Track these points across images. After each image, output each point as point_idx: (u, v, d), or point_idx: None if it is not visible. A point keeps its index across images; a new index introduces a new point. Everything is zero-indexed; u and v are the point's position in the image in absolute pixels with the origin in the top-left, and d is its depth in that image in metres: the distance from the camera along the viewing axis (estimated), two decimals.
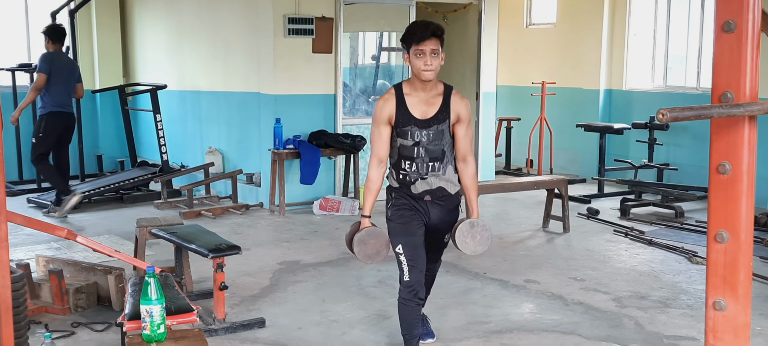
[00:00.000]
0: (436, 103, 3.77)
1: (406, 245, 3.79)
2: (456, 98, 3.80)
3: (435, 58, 3.67)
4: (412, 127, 3.75)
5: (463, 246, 3.81)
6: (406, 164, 3.81)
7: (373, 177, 3.83)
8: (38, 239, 6.45)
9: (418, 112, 3.76)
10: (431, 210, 3.86)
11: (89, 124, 10.18)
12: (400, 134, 3.78)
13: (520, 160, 10.95)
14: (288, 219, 7.58)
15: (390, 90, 3.83)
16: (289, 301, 5.09)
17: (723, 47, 1.75)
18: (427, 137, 3.76)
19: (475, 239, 3.81)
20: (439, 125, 3.76)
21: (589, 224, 7.44)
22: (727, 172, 1.78)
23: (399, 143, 3.80)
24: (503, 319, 4.75)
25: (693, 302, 5.09)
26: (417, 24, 3.76)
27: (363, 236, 3.77)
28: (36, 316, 4.61)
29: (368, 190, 3.85)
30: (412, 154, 3.78)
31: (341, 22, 8.10)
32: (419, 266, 3.79)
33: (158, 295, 3.11)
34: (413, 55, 3.68)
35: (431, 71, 3.68)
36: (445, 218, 3.90)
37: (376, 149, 3.83)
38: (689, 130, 9.07)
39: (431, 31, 3.66)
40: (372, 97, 8.81)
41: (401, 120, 3.76)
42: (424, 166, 3.79)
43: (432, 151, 3.78)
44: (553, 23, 10.87)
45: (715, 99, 1.78)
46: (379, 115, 3.79)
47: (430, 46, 3.65)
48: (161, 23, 10.00)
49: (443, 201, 3.88)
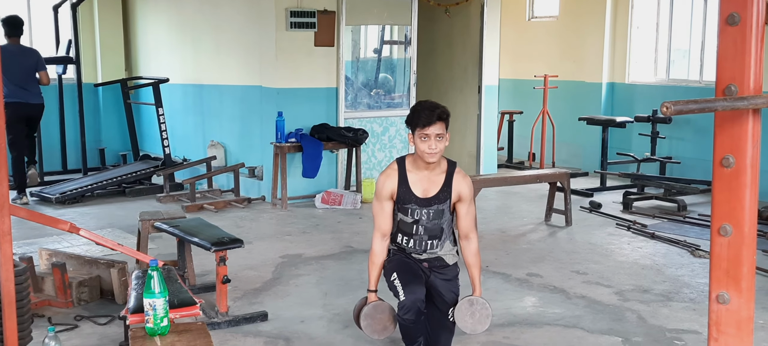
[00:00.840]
0: (438, 182, 3.77)
1: (400, 271, 3.76)
2: (458, 178, 3.79)
3: (440, 142, 3.65)
4: (413, 205, 3.75)
5: (462, 324, 3.80)
6: (404, 240, 3.84)
7: (377, 251, 3.83)
8: (41, 233, 6.46)
9: (419, 191, 3.75)
10: (430, 273, 3.86)
11: (92, 118, 10.18)
12: (401, 210, 3.79)
13: (522, 153, 10.95)
14: (290, 213, 7.59)
15: (393, 165, 3.83)
16: (291, 294, 5.10)
17: (727, 40, 1.75)
18: (427, 216, 3.76)
19: (474, 316, 3.79)
20: (439, 205, 3.76)
21: (592, 218, 7.44)
22: (730, 165, 1.78)
23: (399, 218, 3.82)
24: (505, 312, 4.76)
25: (696, 296, 5.09)
26: (422, 107, 3.71)
27: (370, 311, 3.80)
28: (39, 309, 4.62)
29: (372, 263, 3.85)
30: (410, 231, 3.81)
31: (343, 15, 8.09)
32: (414, 286, 3.70)
33: (161, 288, 3.11)
34: (418, 137, 3.66)
35: (435, 155, 3.66)
36: (444, 284, 3.86)
37: (378, 223, 3.82)
38: (692, 124, 9.05)
39: (437, 116, 3.64)
40: (374, 91, 8.80)
41: (403, 197, 3.76)
42: (422, 243, 3.81)
43: (430, 230, 3.79)
44: (556, 16, 10.85)
45: (718, 92, 1.77)
46: (382, 190, 3.78)
47: (435, 130, 3.63)
48: (163, 17, 9.99)
49: (441, 271, 3.87)
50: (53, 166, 9.71)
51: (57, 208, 7.75)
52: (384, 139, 8.57)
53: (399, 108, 8.64)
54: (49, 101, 9.60)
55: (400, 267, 3.80)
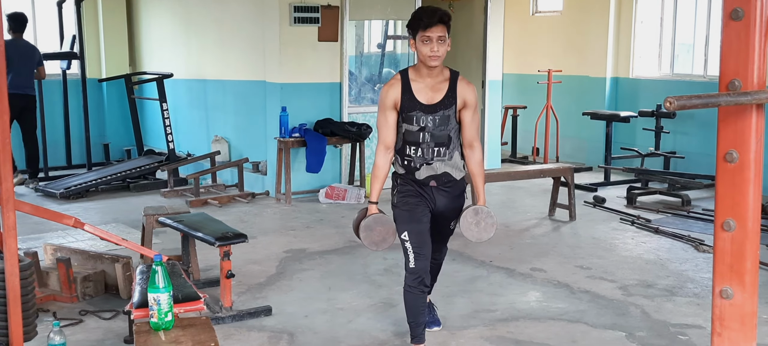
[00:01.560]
0: (442, 88, 3.76)
1: (412, 231, 3.78)
2: (463, 84, 3.79)
3: (442, 45, 3.65)
4: (418, 112, 3.74)
5: (467, 233, 3.81)
6: (411, 150, 3.79)
7: (380, 163, 3.84)
8: (46, 228, 6.48)
9: (424, 98, 3.75)
10: (437, 196, 3.84)
11: (96, 113, 10.20)
12: (406, 120, 3.76)
13: (526, 148, 10.94)
14: (294, 207, 7.60)
15: (396, 76, 3.82)
16: (295, 289, 5.11)
17: (731, 35, 1.75)
18: (433, 122, 3.74)
19: (479, 225, 3.80)
20: (445, 110, 3.74)
21: (596, 213, 7.44)
22: (734, 160, 1.78)
23: (404, 129, 3.79)
24: (509, 307, 4.76)
25: (699, 291, 5.09)
26: (423, 10, 3.73)
27: (370, 223, 3.79)
28: (44, 304, 4.64)
29: (375, 176, 3.86)
30: (417, 140, 3.77)
31: (347, 10, 8.09)
32: (424, 253, 3.77)
33: (166, 283, 3.12)
34: (420, 41, 3.67)
35: (438, 58, 3.66)
36: (450, 204, 3.88)
37: (382, 136, 3.82)
38: (696, 119, 9.04)
39: (438, 17, 3.64)
40: (377, 86, 8.80)
41: (407, 105, 3.75)
42: (430, 151, 3.77)
43: (438, 137, 3.76)
44: (560, 11, 10.83)
45: (722, 87, 1.77)
46: (385, 100, 3.78)
47: (436, 32, 3.64)
48: (167, 12, 10.00)
49: (448, 187, 3.86)
50: (58, 161, 9.73)
51: (61, 203, 7.77)
52: None
53: None
54: (53, 96, 9.66)
55: (411, 219, 3.78)
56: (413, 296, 3.81)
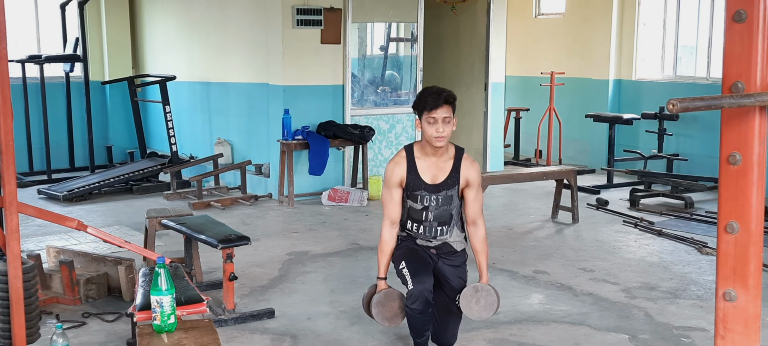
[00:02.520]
0: (446, 168, 3.80)
1: (409, 259, 3.79)
2: (466, 163, 3.82)
3: (447, 125, 3.69)
4: (422, 191, 3.78)
5: (467, 310, 3.80)
6: (414, 226, 3.86)
7: (386, 239, 3.85)
8: (48, 230, 6.48)
9: (428, 177, 3.79)
10: (438, 260, 3.88)
11: (99, 116, 10.22)
12: (410, 197, 3.82)
13: (528, 150, 10.93)
14: (297, 210, 7.60)
15: (401, 152, 3.86)
16: (298, 291, 5.11)
17: (734, 37, 1.74)
18: (436, 202, 3.79)
19: (479, 303, 3.79)
20: (448, 190, 3.79)
21: (599, 215, 7.43)
22: (737, 162, 1.77)
23: (408, 205, 3.84)
24: (512, 310, 4.75)
25: (703, 293, 5.08)
26: (429, 92, 3.75)
27: (381, 299, 3.81)
28: (47, 306, 4.64)
29: (382, 252, 3.87)
30: (420, 218, 3.83)
31: (350, 12, 8.09)
32: (422, 277, 3.71)
33: (168, 285, 3.12)
34: (425, 122, 3.70)
35: (443, 138, 3.70)
36: (451, 270, 3.88)
37: (388, 211, 3.84)
38: (699, 121, 9.03)
39: (443, 99, 3.68)
40: (380, 88, 8.81)
41: (412, 184, 3.79)
42: (432, 230, 3.84)
43: (440, 216, 3.82)
44: (562, 13, 10.83)
45: (725, 89, 1.77)
46: (391, 178, 3.81)
47: (442, 113, 3.67)
48: (170, 14, 10.01)
49: (448, 257, 3.89)
50: (61, 163, 9.75)
51: (64, 205, 7.78)
52: (390, 137, 8.57)
53: (405, 105, 8.64)
54: (56, 99, 9.68)
55: (409, 255, 3.82)
56: (414, 319, 3.78)
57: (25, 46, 9.76)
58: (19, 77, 9.27)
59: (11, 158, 3.11)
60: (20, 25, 9.79)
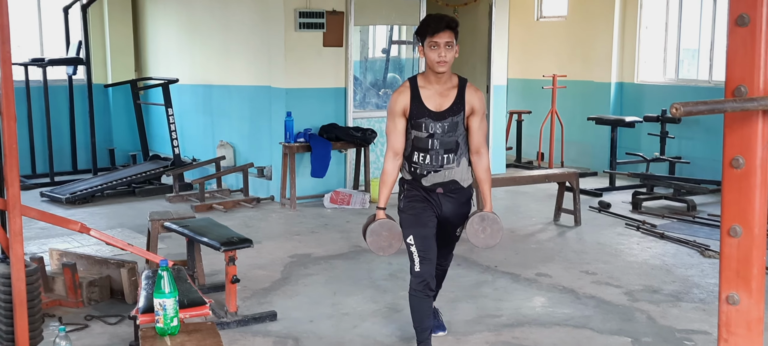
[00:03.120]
0: (450, 95, 3.79)
1: (418, 235, 3.80)
2: (470, 91, 3.82)
3: (449, 51, 3.69)
4: (427, 119, 3.77)
5: (473, 239, 3.85)
6: (420, 157, 3.83)
7: (388, 169, 3.87)
8: (51, 233, 6.49)
9: (432, 105, 3.78)
10: (443, 203, 3.87)
11: (102, 119, 10.23)
12: (415, 126, 3.80)
13: (531, 153, 10.93)
14: (299, 212, 7.60)
15: (405, 83, 3.86)
16: (300, 294, 5.11)
17: (736, 41, 1.74)
18: (442, 129, 3.77)
19: (486, 231, 3.84)
20: (453, 117, 3.78)
21: (601, 218, 7.43)
22: (740, 166, 1.77)
23: (413, 135, 3.82)
24: (514, 312, 4.75)
25: (705, 296, 5.07)
26: (431, 17, 3.78)
27: (376, 228, 3.82)
28: (50, 309, 4.65)
29: (383, 182, 3.88)
30: (426, 146, 3.80)
31: (352, 15, 8.10)
32: (430, 258, 3.79)
33: (171, 288, 3.13)
34: (427, 47, 3.71)
35: (445, 63, 3.70)
36: (457, 210, 3.91)
37: (391, 142, 3.86)
38: (701, 124, 9.02)
39: (446, 23, 3.69)
40: (382, 91, 8.81)
41: (416, 112, 3.78)
42: (439, 158, 3.80)
43: (446, 143, 3.79)
44: (564, 16, 10.83)
45: (728, 93, 1.77)
46: (394, 107, 3.82)
47: (444, 38, 3.67)
48: (173, 17, 10.03)
49: (455, 194, 3.88)
50: (63, 166, 9.76)
51: (67, 208, 7.79)
52: None
53: None
54: (59, 102, 9.70)
55: (417, 225, 3.80)
56: (418, 300, 3.83)
57: (28, 49, 9.77)
58: (22, 80, 9.27)
59: (15, 161, 3.12)
60: (23, 28, 9.80)
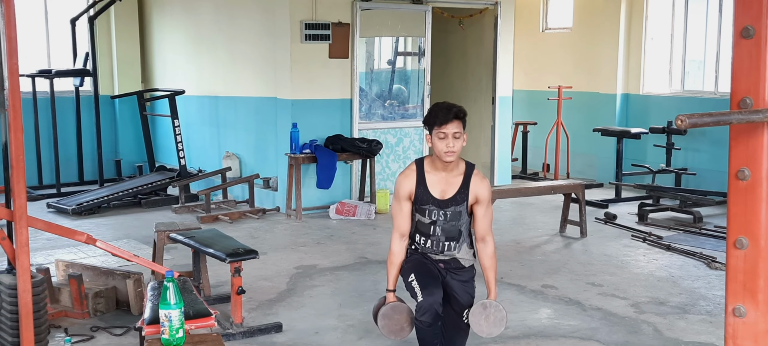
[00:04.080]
0: (455, 183, 3.79)
1: (418, 272, 3.78)
2: (476, 179, 3.81)
3: (457, 141, 3.69)
4: (431, 206, 3.78)
5: (476, 327, 3.78)
6: (421, 240, 3.86)
7: (395, 251, 3.85)
8: (58, 244, 6.51)
9: (437, 192, 3.78)
10: (446, 274, 3.87)
11: (108, 130, 10.26)
12: (419, 211, 3.82)
13: (536, 164, 10.92)
14: (304, 223, 7.60)
15: (411, 166, 3.86)
16: (305, 305, 5.11)
17: (742, 53, 1.74)
18: (445, 217, 3.78)
19: (488, 320, 3.75)
20: (456, 206, 3.78)
21: (607, 229, 7.41)
22: (746, 178, 1.77)
23: (417, 219, 3.84)
24: (520, 324, 4.74)
25: (712, 308, 5.05)
26: (440, 108, 3.75)
27: (387, 311, 3.80)
28: (56, 320, 4.65)
29: (391, 263, 3.86)
30: (428, 232, 3.83)
31: (358, 27, 8.12)
32: (431, 289, 3.72)
33: (177, 299, 3.13)
34: (435, 137, 3.70)
35: (453, 153, 3.69)
36: (460, 286, 3.87)
37: (397, 224, 3.84)
38: (707, 135, 9.00)
39: (454, 115, 3.69)
40: (388, 102, 8.82)
41: (420, 198, 3.79)
42: (440, 244, 3.83)
43: (448, 231, 3.81)
44: (570, 28, 10.84)
45: (734, 105, 1.77)
46: (400, 190, 3.82)
47: (452, 129, 3.67)
48: (179, 29, 10.07)
49: (457, 272, 3.88)
50: (70, 177, 9.78)
51: (74, 219, 7.81)
52: (398, 151, 8.58)
53: (413, 119, 8.65)
54: (66, 113, 9.73)
55: (418, 268, 3.80)
56: (423, 331, 3.78)
57: (35, 60, 9.82)
58: (29, 92, 9.32)
59: (21, 172, 3.13)
60: (31, 39, 9.85)
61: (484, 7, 9.16)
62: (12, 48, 3.04)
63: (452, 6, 9.09)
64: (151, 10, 10.57)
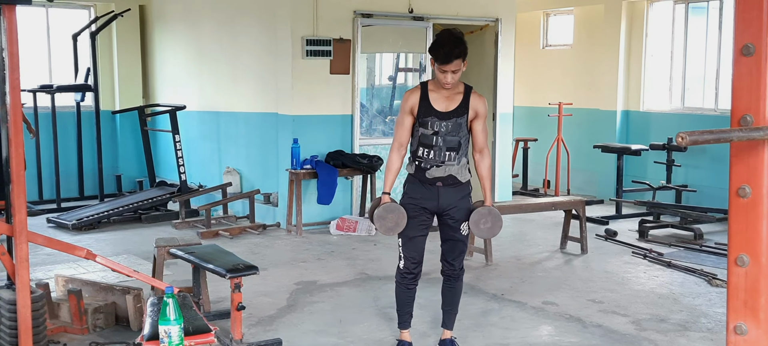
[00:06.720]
0: (457, 99, 4.17)
1: (406, 238, 4.22)
2: (475, 96, 4.22)
3: (456, 75, 4.10)
4: (433, 118, 4.14)
5: (475, 230, 4.16)
6: (424, 152, 4.18)
7: (393, 159, 4.27)
8: (57, 259, 6.50)
9: (439, 106, 4.16)
10: (442, 194, 4.19)
11: (109, 145, 10.27)
12: (422, 124, 4.17)
13: (537, 181, 10.92)
14: (305, 239, 7.60)
15: (417, 86, 4.28)
16: (306, 322, 5.09)
17: (742, 71, 1.75)
18: (446, 128, 4.13)
19: (486, 224, 4.15)
20: (457, 118, 4.14)
21: (607, 246, 7.40)
22: (747, 195, 1.77)
23: (420, 132, 4.18)
24: (521, 341, 4.72)
25: (713, 326, 5.04)
26: (442, 45, 4.07)
27: (381, 212, 4.14)
28: (55, 335, 4.63)
29: (389, 169, 4.28)
30: (430, 143, 4.16)
31: (359, 43, 8.15)
32: (413, 257, 4.24)
33: (177, 315, 3.12)
34: (437, 69, 4.10)
35: (451, 85, 4.13)
36: (455, 202, 4.20)
37: (397, 135, 4.26)
38: (707, 152, 9.01)
39: (455, 55, 4.04)
40: (389, 118, 8.83)
41: (423, 111, 4.16)
42: (441, 154, 4.15)
43: (449, 142, 4.15)
44: (570, 44, 10.87)
45: (734, 122, 1.77)
46: (405, 104, 4.22)
47: (452, 67, 4.06)
48: (181, 45, 10.10)
49: (453, 187, 4.20)
50: (70, 192, 9.79)
51: (74, 234, 7.80)
52: None
53: None
54: (67, 128, 9.75)
55: (409, 226, 4.16)
56: (401, 290, 4.35)
57: (36, 75, 9.85)
58: (30, 106, 9.34)
59: (22, 187, 3.13)
60: (32, 55, 9.88)
61: (485, 24, 9.19)
62: (14, 63, 3.05)
63: (453, 22, 9.12)
64: (152, 26, 10.61)
